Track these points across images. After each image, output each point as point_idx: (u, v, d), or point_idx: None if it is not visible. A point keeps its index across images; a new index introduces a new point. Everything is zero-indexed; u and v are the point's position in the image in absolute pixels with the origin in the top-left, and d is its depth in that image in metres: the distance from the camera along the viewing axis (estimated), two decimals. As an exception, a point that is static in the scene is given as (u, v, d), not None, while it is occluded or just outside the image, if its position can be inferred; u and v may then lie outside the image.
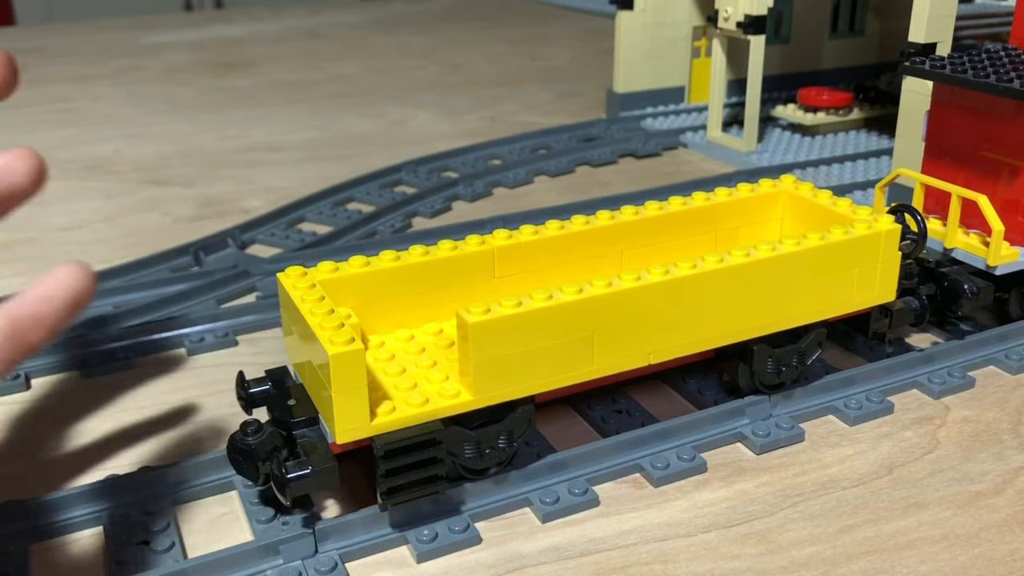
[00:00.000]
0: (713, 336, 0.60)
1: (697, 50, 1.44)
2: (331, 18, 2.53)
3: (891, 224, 0.64)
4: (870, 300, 0.65)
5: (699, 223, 0.70)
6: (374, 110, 1.58)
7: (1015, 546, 0.54)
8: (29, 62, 2.02)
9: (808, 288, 0.62)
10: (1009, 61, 0.74)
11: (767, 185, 0.72)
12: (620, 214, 0.68)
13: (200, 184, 1.22)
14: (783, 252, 0.60)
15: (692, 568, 0.52)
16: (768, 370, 0.63)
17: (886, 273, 0.65)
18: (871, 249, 0.63)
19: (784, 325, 0.62)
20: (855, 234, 0.62)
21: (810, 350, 0.65)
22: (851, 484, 0.59)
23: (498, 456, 0.56)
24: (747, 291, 0.60)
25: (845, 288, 0.63)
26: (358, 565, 0.53)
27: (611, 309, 0.56)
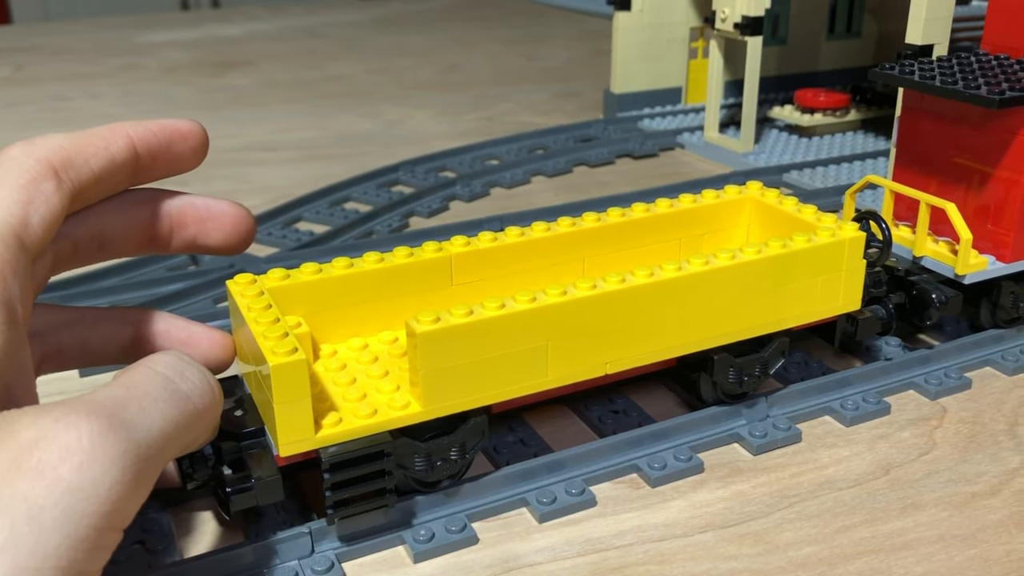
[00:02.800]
0: (672, 346, 0.59)
1: (694, 51, 1.45)
2: (329, 17, 2.53)
3: (855, 232, 0.62)
4: (835, 309, 0.64)
5: (663, 230, 0.69)
6: (372, 110, 1.58)
7: (1011, 547, 0.54)
8: (25, 61, 2.02)
9: (770, 297, 0.61)
10: (979, 67, 0.73)
11: (733, 192, 0.71)
12: (582, 221, 0.66)
13: (197, 183, 1.21)
14: (743, 260, 0.59)
15: (689, 568, 0.52)
16: (730, 380, 0.62)
17: (851, 282, 0.64)
18: (835, 257, 0.62)
19: (745, 334, 0.61)
20: (818, 242, 0.61)
21: (773, 359, 0.63)
22: (848, 485, 0.59)
23: (450, 468, 0.55)
24: (706, 300, 0.59)
25: (808, 297, 0.62)
26: (355, 565, 0.53)
27: (566, 318, 0.55)
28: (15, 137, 1.55)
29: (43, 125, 1.51)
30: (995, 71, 0.71)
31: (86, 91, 1.74)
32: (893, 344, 0.74)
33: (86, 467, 0.35)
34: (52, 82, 1.82)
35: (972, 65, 0.73)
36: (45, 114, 1.58)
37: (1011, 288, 0.73)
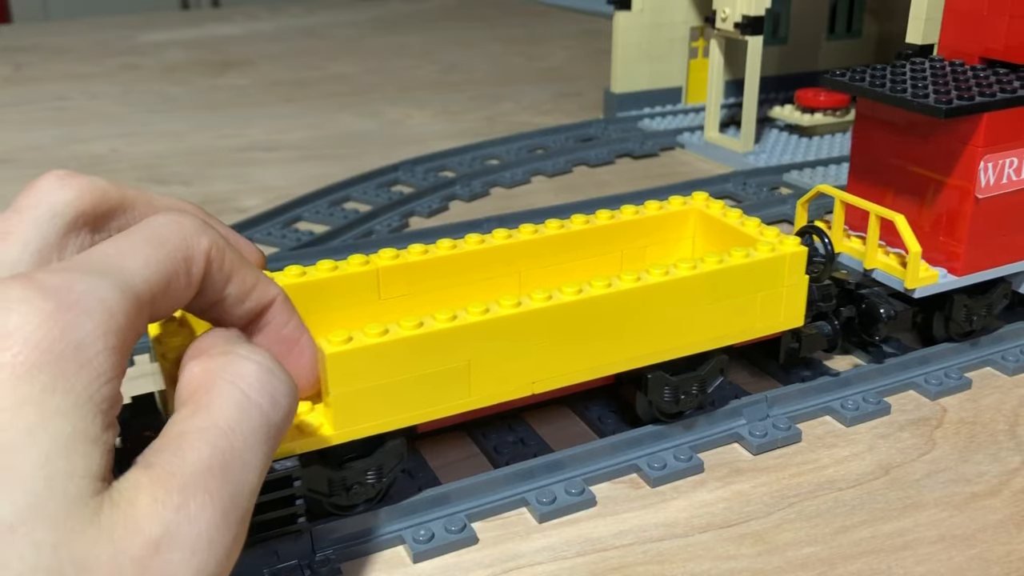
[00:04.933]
0: (602, 364, 0.57)
1: (695, 51, 1.44)
2: (328, 17, 2.53)
3: (796, 247, 0.61)
4: (777, 325, 0.63)
5: (603, 242, 0.67)
6: (371, 109, 1.58)
7: (1012, 547, 0.54)
8: (25, 60, 2.02)
9: (706, 313, 0.59)
10: (932, 74, 0.71)
11: (677, 203, 0.69)
12: (518, 232, 0.64)
13: (197, 183, 1.22)
14: (676, 277, 0.57)
15: (689, 568, 0.52)
16: (665, 399, 0.60)
17: (792, 297, 0.62)
18: (774, 273, 0.60)
19: (680, 352, 0.59)
20: (756, 257, 0.59)
21: (711, 377, 0.62)
22: (848, 485, 0.59)
23: (366, 492, 0.53)
24: (638, 317, 0.57)
25: (747, 313, 0.61)
26: (354, 564, 0.53)
27: (488, 337, 0.53)
28: (15, 137, 1.54)
29: (44, 125, 1.51)
30: (947, 78, 0.69)
31: (86, 91, 1.74)
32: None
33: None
34: (52, 82, 1.82)
35: (925, 72, 0.71)
36: (46, 114, 1.58)
37: (964, 302, 0.71)
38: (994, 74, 0.70)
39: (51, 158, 1.33)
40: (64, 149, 1.38)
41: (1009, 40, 0.71)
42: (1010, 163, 0.67)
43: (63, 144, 1.40)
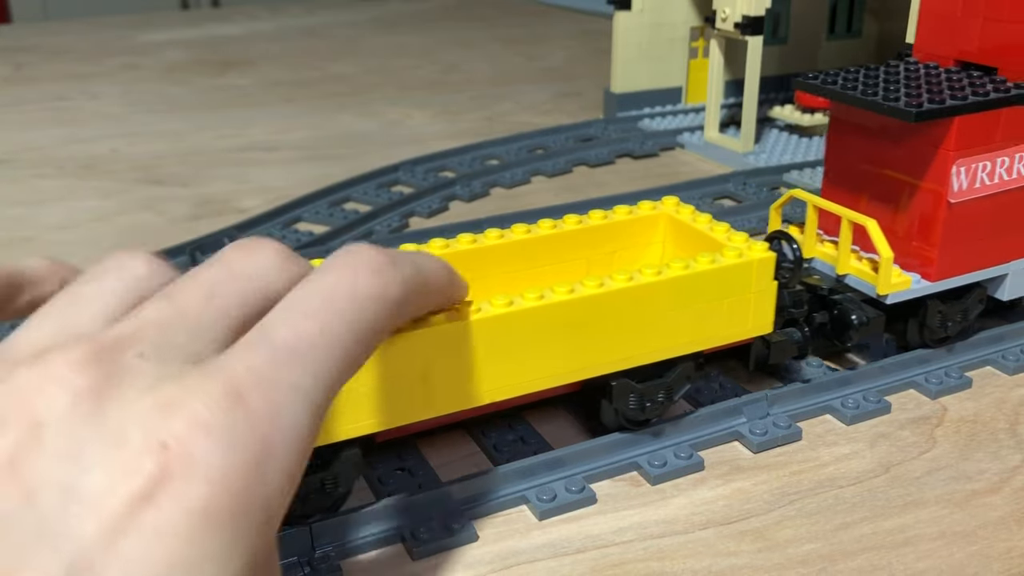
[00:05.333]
0: (566, 372, 0.57)
1: (695, 51, 1.44)
2: (328, 17, 2.53)
3: (764, 253, 0.60)
4: (745, 332, 0.62)
5: (571, 248, 0.65)
6: (371, 109, 1.58)
7: (1012, 543, 0.54)
8: (25, 60, 2.02)
9: (672, 320, 0.58)
10: (905, 76, 0.69)
11: (647, 207, 0.68)
12: (483, 238, 0.63)
13: (197, 183, 1.22)
14: (640, 283, 0.56)
15: (689, 565, 0.52)
16: (630, 406, 0.59)
17: (761, 304, 0.61)
18: (742, 279, 0.59)
19: (646, 359, 0.58)
20: (723, 263, 0.59)
21: (678, 384, 0.61)
22: (848, 482, 0.59)
23: (324, 501, 0.53)
24: (602, 324, 0.56)
25: (714, 320, 0.60)
26: (354, 561, 0.53)
27: (446, 345, 0.52)
28: (15, 137, 1.54)
29: (43, 125, 1.51)
30: (920, 81, 0.68)
31: (86, 91, 1.74)
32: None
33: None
34: (52, 82, 1.82)
35: (898, 75, 0.70)
36: (46, 114, 1.58)
37: (938, 307, 0.70)
38: (968, 77, 0.69)
39: (51, 158, 1.33)
40: (64, 149, 1.38)
41: (983, 42, 0.70)
42: (983, 167, 0.66)
43: (63, 144, 1.40)
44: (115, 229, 1.06)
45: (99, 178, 1.24)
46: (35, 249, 1.01)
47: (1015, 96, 0.66)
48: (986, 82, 0.67)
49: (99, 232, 1.05)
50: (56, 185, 1.22)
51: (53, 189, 1.20)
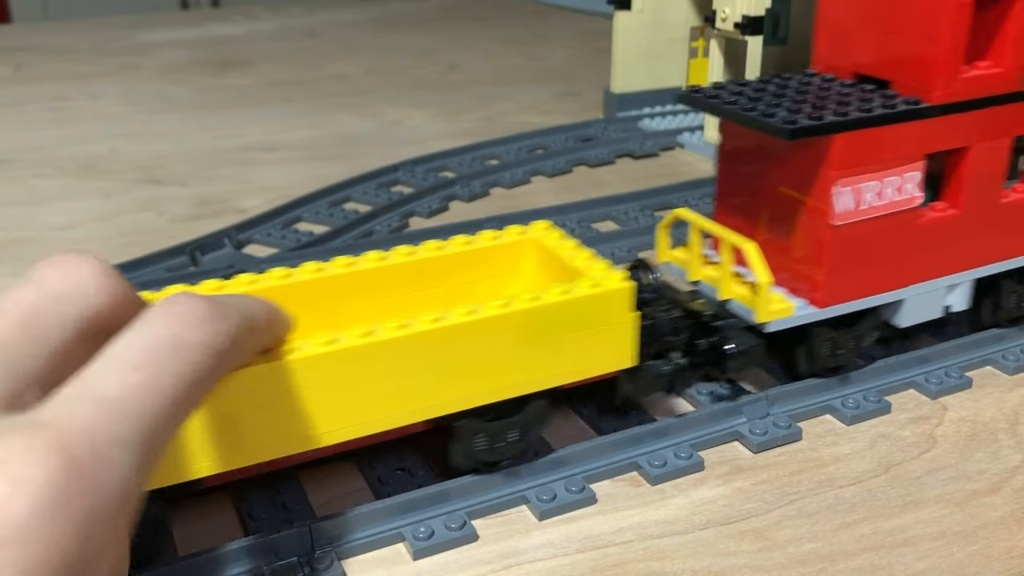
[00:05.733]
0: (401, 413, 0.53)
1: (695, 50, 1.44)
2: (328, 17, 2.53)
3: (621, 283, 0.57)
4: (604, 366, 0.58)
5: (428, 276, 0.62)
6: (371, 109, 1.58)
7: (1012, 543, 0.54)
8: (25, 60, 2.02)
9: (520, 355, 0.55)
10: (795, 90, 0.65)
11: (514, 232, 0.64)
12: (330, 266, 0.59)
13: (197, 183, 1.22)
14: (481, 317, 0.53)
15: (689, 565, 0.52)
16: (478, 447, 0.56)
17: (620, 336, 0.57)
18: (597, 311, 0.56)
19: (491, 398, 0.55)
20: (575, 294, 0.55)
21: (532, 422, 0.57)
22: (848, 482, 0.59)
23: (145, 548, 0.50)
24: (439, 361, 0.52)
25: (569, 354, 0.56)
26: (354, 562, 0.53)
27: (262, 385, 0.48)
28: (15, 137, 1.54)
29: (43, 125, 1.51)
30: (808, 95, 0.64)
31: (86, 91, 1.74)
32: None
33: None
34: (52, 82, 1.82)
35: (788, 88, 0.66)
36: (45, 114, 1.58)
37: (827, 335, 0.66)
38: (861, 91, 0.65)
39: (50, 158, 1.33)
40: (64, 149, 1.38)
41: (878, 55, 0.66)
42: (870, 187, 0.62)
43: (63, 144, 1.40)
44: (115, 229, 1.06)
45: (99, 178, 1.24)
46: (35, 250, 1.01)
47: (902, 112, 0.62)
48: (877, 97, 0.63)
49: (99, 232, 1.05)
50: (56, 185, 1.22)
51: (53, 189, 1.20)
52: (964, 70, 0.64)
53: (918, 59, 0.63)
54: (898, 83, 0.65)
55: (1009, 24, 0.64)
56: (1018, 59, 0.65)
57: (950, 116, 0.64)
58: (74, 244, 1.02)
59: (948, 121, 0.64)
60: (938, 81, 0.62)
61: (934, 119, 0.63)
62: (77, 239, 1.03)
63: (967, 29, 0.62)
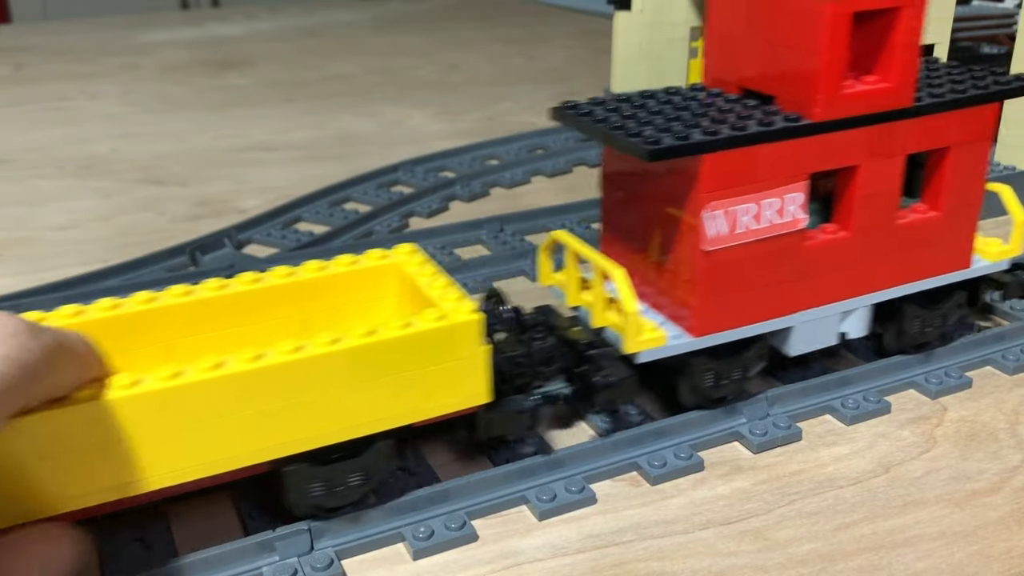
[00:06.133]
0: (217, 460, 0.49)
1: (695, 51, 1.44)
2: (328, 17, 2.53)
3: (470, 315, 0.53)
4: (455, 403, 0.54)
5: (278, 305, 0.58)
6: (371, 109, 1.58)
7: (1012, 543, 0.54)
8: (25, 60, 2.02)
9: (355, 395, 0.51)
10: (672, 106, 0.61)
11: (374, 257, 0.60)
12: (165, 295, 0.55)
13: (196, 183, 1.22)
14: (309, 355, 0.49)
15: (689, 564, 0.52)
16: (312, 494, 0.52)
17: (470, 371, 0.53)
18: (442, 345, 0.52)
19: (321, 441, 0.51)
20: (416, 329, 0.51)
21: (377, 464, 0.53)
22: (848, 483, 0.59)
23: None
24: (258, 404, 0.48)
25: (414, 392, 0.52)
26: (354, 562, 0.53)
27: (59, 432, 0.44)
28: (17, 138, 1.54)
29: (43, 125, 1.51)
30: (687, 111, 0.60)
31: (86, 91, 1.74)
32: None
33: None
34: (52, 82, 1.82)
35: (669, 103, 0.62)
36: (45, 114, 1.58)
37: (707, 365, 0.61)
38: (743, 107, 0.60)
39: (50, 159, 1.33)
40: (64, 149, 1.38)
41: (763, 68, 0.61)
42: (745, 210, 0.58)
43: (63, 144, 1.40)
44: (115, 229, 1.06)
45: (99, 178, 1.24)
46: (35, 249, 1.01)
47: (779, 131, 0.57)
48: (755, 113, 0.59)
49: (99, 232, 1.05)
50: (56, 185, 1.22)
51: (53, 189, 1.20)
52: (848, 85, 0.59)
53: (798, 74, 0.58)
54: (781, 99, 0.60)
55: (896, 36, 0.59)
56: (907, 73, 0.60)
57: (833, 134, 0.59)
58: (74, 244, 1.02)
59: (831, 139, 0.59)
60: (818, 97, 0.58)
61: (816, 137, 0.58)
62: (77, 239, 1.03)
63: (846, 42, 0.57)
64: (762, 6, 0.60)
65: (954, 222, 0.67)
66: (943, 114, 0.63)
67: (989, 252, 0.70)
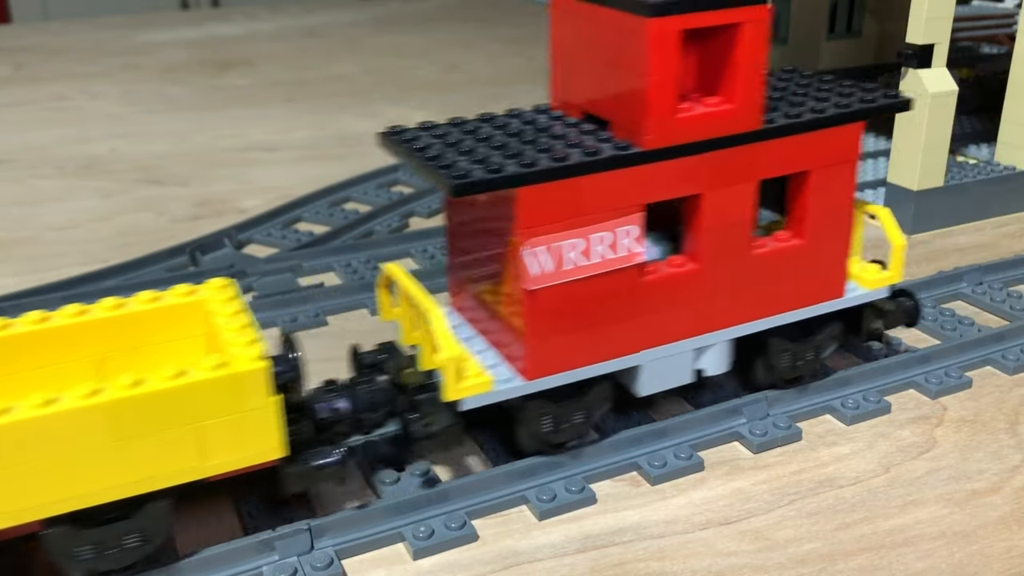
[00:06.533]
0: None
1: (694, 50, 1.44)
2: (328, 17, 2.53)
3: (253, 364, 0.48)
4: (244, 460, 0.50)
5: (70, 346, 0.53)
6: (371, 109, 1.58)
7: (1012, 543, 0.54)
8: (25, 60, 2.02)
9: (120, 453, 0.46)
10: (507, 132, 0.57)
11: (179, 293, 0.55)
12: None
13: (196, 183, 1.22)
14: (56, 411, 0.44)
15: (689, 564, 0.52)
16: (82, 557, 0.48)
17: (260, 424, 0.49)
18: (223, 396, 0.48)
19: (81, 503, 0.47)
20: (190, 379, 0.47)
21: (153, 527, 0.49)
22: (848, 482, 0.59)
23: None
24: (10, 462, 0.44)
25: (190, 448, 0.48)
26: (354, 562, 0.53)
27: None
28: (15, 137, 1.54)
29: (43, 125, 1.51)
30: (517, 138, 0.56)
31: (86, 91, 1.74)
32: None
33: None
34: (52, 82, 1.82)
35: (504, 128, 0.58)
36: (45, 114, 1.58)
37: (543, 409, 0.57)
38: (578, 133, 0.56)
39: (50, 158, 1.33)
40: (63, 149, 1.38)
41: (600, 92, 0.56)
42: (572, 245, 0.53)
43: (63, 144, 1.40)
44: (115, 229, 1.06)
45: (99, 178, 1.24)
46: (35, 250, 1.01)
47: (603, 161, 0.52)
48: (584, 141, 0.55)
49: (99, 232, 1.05)
50: (56, 185, 1.22)
51: (53, 189, 1.20)
52: (684, 109, 0.54)
53: (628, 98, 0.54)
54: (615, 124, 0.56)
55: (737, 55, 0.54)
56: (751, 94, 0.55)
57: (668, 162, 0.54)
58: (74, 244, 1.02)
59: (666, 167, 0.54)
60: (648, 123, 0.53)
61: (649, 166, 0.54)
62: (77, 239, 1.03)
63: (676, 63, 0.52)
64: (594, 24, 0.55)
65: (821, 250, 0.62)
66: (799, 136, 0.58)
67: (866, 279, 0.65)
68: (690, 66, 0.56)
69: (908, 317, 0.69)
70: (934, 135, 0.93)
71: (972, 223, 1.00)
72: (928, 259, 0.91)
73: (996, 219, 1.01)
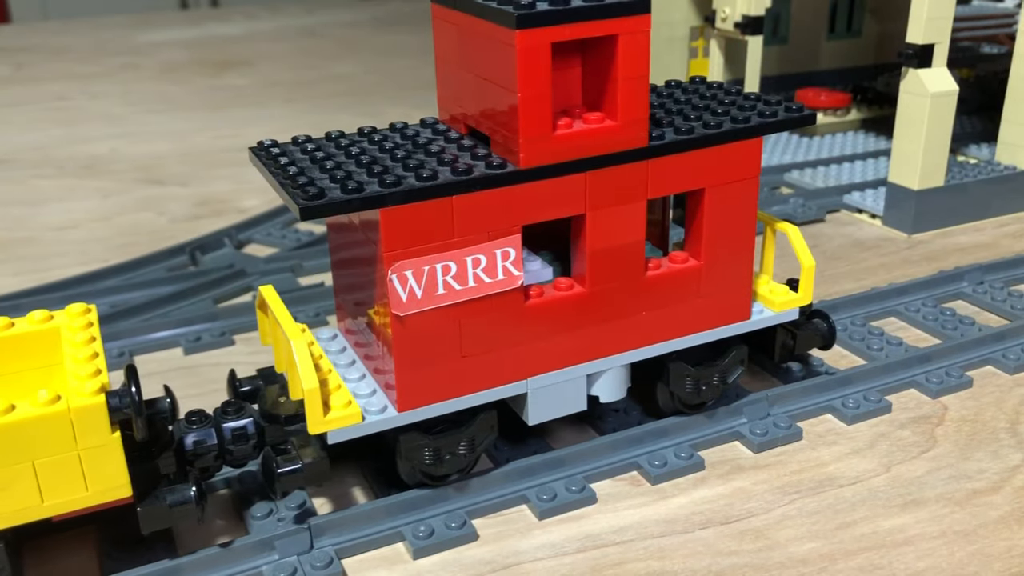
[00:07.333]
0: None
1: (695, 50, 1.44)
2: (328, 17, 2.53)
3: (91, 398, 0.45)
4: (86, 499, 0.47)
5: None
6: (371, 109, 1.58)
7: (1012, 542, 0.54)
8: (25, 60, 2.02)
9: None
10: (383, 147, 0.54)
11: (35, 320, 0.52)
12: None
13: (196, 183, 1.22)
14: None
15: (689, 564, 0.52)
16: None
17: (102, 462, 0.46)
18: (56, 434, 0.45)
19: None
20: (17, 416, 0.44)
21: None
22: (849, 482, 0.59)
23: None
24: None
25: (21, 488, 0.45)
26: (354, 561, 0.53)
27: None
28: (15, 138, 1.54)
29: (43, 125, 1.51)
30: (392, 154, 0.53)
31: (86, 91, 1.74)
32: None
33: None
34: (52, 82, 1.82)
35: (381, 144, 0.55)
36: (45, 114, 1.58)
37: (420, 441, 0.54)
38: (456, 150, 0.53)
39: (51, 158, 1.33)
40: (64, 149, 1.38)
41: (479, 106, 0.54)
42: (445, 268, 0.51)
43: (63, 144, 1.40)
44: (115, 229, 1.06)
45: (99, 178, 1.24)
46: (35, 250, 1.01)
47: (472, 180, 0.50)
48: (459, 158, 0.52)
49: (99, 232, 1.05)
50: (56, 185, 1.22)
51: (53, 189, 1.20)
52: (562, 126, 0.51)
53: (503, 114, 0.51)
54: (495, 141, 0.53)
55: (617, 69, 0.51)
56: (634, 109, 0.52)
57: (544, 181, 0.51)
58: (74, 244, 1.02)
59: (544, 187, 0.52)
60: (523, 140, 0.50)
61: (524, 185, 0.51)
62: (77, 239, 1.03)
63: (547, 78, 0.49)
64: (469, 36, 0.53)
65: (721, 271, 0.59)
66: (690, 153, 0.55)
67: (775, 301, 0.62)
68: (572, 80, 0.53)
69: (822, 340, 0.66)
70: (934, 135, 0.93)
71: (972, 223, 1.00)
72: (928, 259, 0.91)
73: (996, 219, 1.01)
